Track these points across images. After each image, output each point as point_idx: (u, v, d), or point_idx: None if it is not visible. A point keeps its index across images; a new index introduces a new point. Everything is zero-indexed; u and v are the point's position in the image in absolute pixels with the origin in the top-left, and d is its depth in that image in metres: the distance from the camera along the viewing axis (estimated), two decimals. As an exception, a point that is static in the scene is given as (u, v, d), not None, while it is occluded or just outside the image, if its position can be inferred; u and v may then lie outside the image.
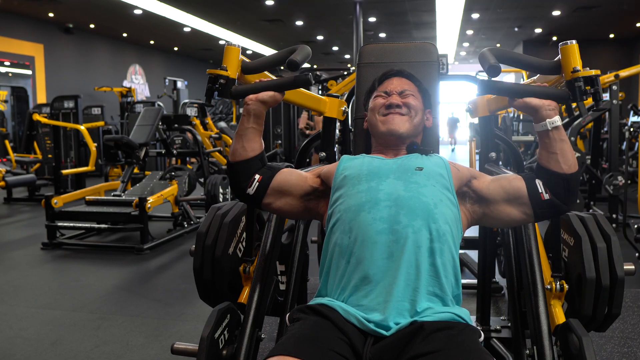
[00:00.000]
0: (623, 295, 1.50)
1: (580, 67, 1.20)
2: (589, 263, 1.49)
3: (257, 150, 1.35)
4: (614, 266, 1.48)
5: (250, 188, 1.34)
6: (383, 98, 1.45)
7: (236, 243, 1.74)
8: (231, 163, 1.35)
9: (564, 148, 1.22)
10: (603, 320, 1.51)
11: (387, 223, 1.18)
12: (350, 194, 1.26)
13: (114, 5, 10.35)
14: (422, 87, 1.50)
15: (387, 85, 1.48)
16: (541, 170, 1.25)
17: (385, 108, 1.42)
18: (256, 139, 1.35)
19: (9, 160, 7.71)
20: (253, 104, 1.32)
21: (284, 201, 1.37)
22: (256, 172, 1.35)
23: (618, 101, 4.82)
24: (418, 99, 1.46)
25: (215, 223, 1.70)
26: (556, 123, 1.21)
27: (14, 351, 2.40)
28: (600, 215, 1.63)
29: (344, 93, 2.41)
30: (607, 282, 1.47)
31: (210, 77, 1.34)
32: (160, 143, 5.97)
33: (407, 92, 1.45)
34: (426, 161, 1.33)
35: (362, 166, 1.33)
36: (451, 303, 1.18)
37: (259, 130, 1.35)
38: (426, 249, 1.17)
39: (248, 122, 1.33)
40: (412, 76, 1.51)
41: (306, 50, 1.35)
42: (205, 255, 1.66)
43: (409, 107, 1.42)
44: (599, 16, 11.45)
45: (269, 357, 1.03)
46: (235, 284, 1.69)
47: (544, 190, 1.24)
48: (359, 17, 9.49)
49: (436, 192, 1.24)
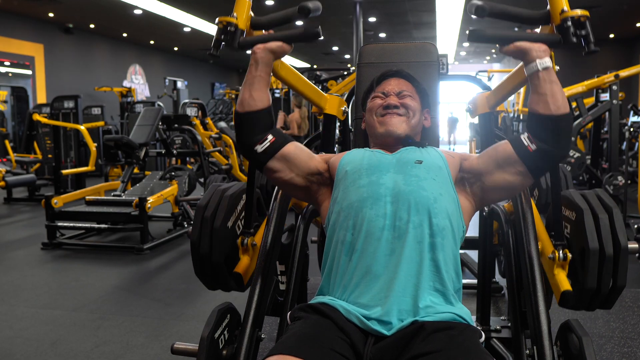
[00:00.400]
0: (627, 266, 1.46)
1: (569, 9, 1.19)
2: (591, 234, 1.46)
3: (265, 102, 1.31)
4: (617, 236, 1.45)
5: (260, 145, 1.30)
6: (381, 99, 1.44)
7: (235, 219, 1.70)
8: (240, 113, 1.31)
9: (554, 89, 1.20)
10: (608, 293, 1.47)
11: (389, 219, 1.19)
12: (351, 189, 1.26)
13: (114, 5, 10.35)
14: (420, 88, 1.50)
15: (385, 85, 1.47)
16: (530, 117, 1.24)
17: (383, 109, 1.41)
18: (264, 89, 1.31)
19: (9, 160, 7.71)
20: (261, 52, 1.29)
21: (288, 173, 1.34)
22: (269, 130, 1.31)
23: (618, 101, 4.82)
24: (416, 99, 1.45)
25: (215, 197, 1.69)
26: (546, 64, 1.19)
27: (14, 351, 2.40)
28: (601, 190, 1.62)
29: (344, 93, 2.41)
30: (610, 252, 1.44)
31: (218, 29, 1.31)
32: (160, 143, 5.97)
33: (405, 93, 1.44)
34: (424, 154, 1.33)
35: (362, 160, 1.33)
36: (452, 298, 1.18)
37: (266, 80, 1.31)
38: (427, 244, 1.17)
39: (256, 71, 1.30)
40: (410, 76, 1.51)
41: (316, 2, 1.33)
42: (204, 227, 1.62)
43: (407, 108, 1.41)
44: (599, 16, 11.45)
45: (269, 355, 1.03)
46: (232, 259, 1.66)
47: (530, 142, 1.22)
48: (359, 17, 9.50)
49: (436, 186, 1.24)
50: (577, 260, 1.52)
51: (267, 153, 1.31)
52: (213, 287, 1.73)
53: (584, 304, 1.52)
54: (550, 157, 1.23)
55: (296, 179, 1.35)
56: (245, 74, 1.34)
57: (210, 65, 20.05)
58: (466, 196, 1.32)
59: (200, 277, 1.70)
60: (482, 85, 2.30)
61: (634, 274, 3.39)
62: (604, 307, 1.54)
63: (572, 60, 15.00)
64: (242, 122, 1.31)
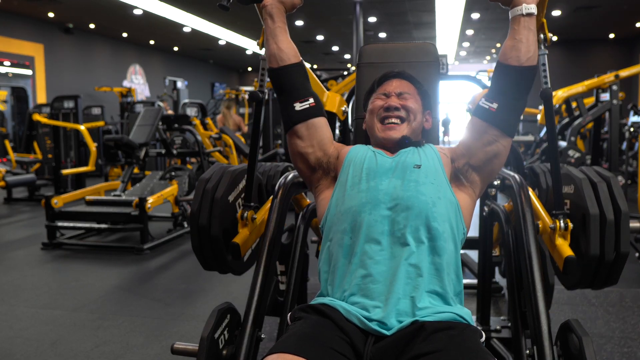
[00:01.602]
0: (629, 232, 1.45)
1: None
2: (590, 200, 1.46)
3: (295, 56, 1.34)
4: (617, 200, 1.46)
5: (299, 104, 1.32)
6: (382, 100, 1.44)
7: (236, 195, 1.70)
8: (274, 69, 1.33)
9: (530, 37, 1.22)
10: (613, 261, 1.46)
11: (388, 224, 1.19)
12: (350, 193, 1.27)
13: (114, 5, 10.35)
14: (421, 89, 1.50)
15: (386, 86, 1.47)
16: (496, 70, 1.26)
17: (384, 110, 1.41)
18: (288, 39, 1.33)
19: (9, 160, 7.71)
20: (271, 3, 1.32)
21: (308, 143, 1.36)
22: (310, 94, 1.34)
23: (618, 101, 4.82)
24: (417, 100, 1.45)
25: (218, 171, 1.68)
26: (531, 10, 1.22)
27: (14, 351, 2.40)
28: (598, 167, 1.62)
29: (344, 93, 2.41)
30: (611, 217, 1.44)
31: None
32: (160, 143, 5.97)
33: (406, 94, 1.44)
34: (423, 156, 1.33)
35: (362, 163, 1.33)
36: (452, 301, 1.18)
37: (285, 29, 1.34)
38: (426, 247, 1.17)
39: (273, 23, 1.32)
40: (411, 77, 1.51)
41: None
42: (204, 199, 1.61)
43: (408, 110, 1.41)
44: (599, 16, 11.46)
45: (269, 354, 1.03)
46: (231, 235, 1.63)
47: (490, 104, 1.25)
48: (359, 17, 9.50)
49: (434, 190, 1.24)
50: (579, 228, 1.51)
51: (302, 114, 1.33)
52: (210, 265, 1.68)
53: (589, 275, 1.50)
54: (515, 109, 1.26)
55: (312, 154, 1.37)
56: (245, 74, 1.34)
57: (210, 65, 20.05)
58: (464, 189, 1.32)
59: (198, 252, 1.65)
60: (482, 85, 2.30)
61: (634, 274, 3.39)
62: (610, 282, 1.51)
63: (572, 60, 15.02)
64: (281, 77, 1.33)
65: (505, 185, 1.64)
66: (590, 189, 1.49)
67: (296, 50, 1.36)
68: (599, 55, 14.79)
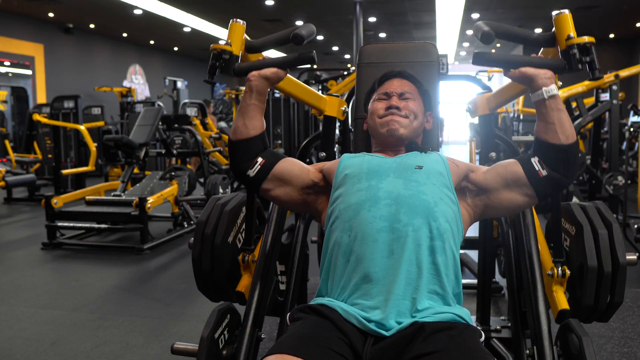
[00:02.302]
0: (625, 283, 1.48)
1: (575, 35, 1.19)
2: (590, 251, 1.47)
3: (258, 129, 1.33)
4: (616, 253, 1.47)
5: (251, 170, 1.32)
6: (383, 102, 1.44)
7: (236, 233, 1.72)
8: (232, 141, 1.33)
9: (562, 117, 1.20)
10: (605, 309, 1.49)
11: (387, 221, 1.18)
12: (350, 192, 1.26)
13: (114, 5, 10.34)
14: (422, 89, 1.50)
15: (387, 86, 1.47)
16: (538, 144, 1.24)
17: (384, 110, 1.42)
18: (258, 117, 1.33)
19: (9, 160, 7.71)
20: (255, 80, 1.31)
21: (283, 190, 1.36)
22: (259, 154, 1.33)
23: (618, 101, 4.82)
24: (418, 101, 1.45)
25: (215, 212, 1.69)
26: (553, 92, 1.20)
27: (14, 351, 2.40)
28: (602, 203, 1.62)
29: (344, 93, 2.41)
30: (609, 269, 1.45)
31: (213, 54, 1.32)
32: (160, 143, 5.96)
33: (407, 94, 1.44)
34: (425, 159, 1.33)
35: (362, 164, 1.33)
36: (452, 302, 1.18)
37: (260, 108, 1.33)
38: (426, 247, 1.17)
39: (250, 99, 1.31)
40: (412, 77, 1.50)
41: (311, 27, 1.34)
42: (205, 244, 1.64)
43: (409, 111, 1.41)
44: (599, 16, 11.45)
45: (268, 355, 1.03)
46: (234, 274, 1.67)
47: (540, 168, 1.22)
48: (359, 17, 9.50)
49: (436, 190, 1.24)
50: (576, 275, 1.54)
51: (259, 175, 1.32)
52: (216, 299, 1.76)
53: (581, 318, 1.54)
54: (558, 184, 1.24)
55: (293, 193, 1.36)
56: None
57: (210, 65, 20.05)
58: (465, 207, 1.32)
59: (203, 291, 1.72)
60: (482, 85, 2.30)
61: (634, 274, 3.39)
62: (601, 321, 1.56)
63: (572, 60, 15.01)
64: (235, 150, 1.33)
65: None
66: (591, 238, 1.50)
67: (262, 124, 1.34)
68: (599, 55, 14.72)
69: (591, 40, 1.17)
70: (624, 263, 1.46)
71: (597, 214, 1.56)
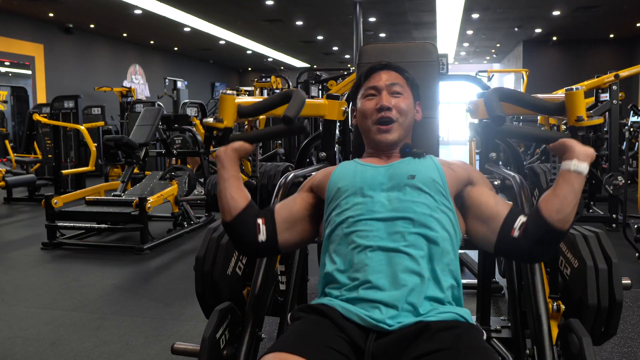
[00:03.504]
0: (620, 317, 1.52)
1: (584, 116, 1.19)
2: (591, 289, 1.49)
3: (246, 197, 1.29)
4: (614, 291, 1.50)
5: (260, 234, 1.27)
6: (372, 100, 1.39)
7: (235, 262, 1.74)
8: (228, 222, 1.27)
9: (569, 198, 1.14)
10: (599, 339, 1.53)
11: (385, 233, 1.18)
12: (345, 206, 1.25)
13: (114, 5, 10.35)
14: (410, 79, 1.44)
15: (375, 79, 1.41)
16: (534, 209, 1.20)
17: (376, 112, 1.37)
18: (240, 186, 1.29)
19: (9, 160, 7.71)
20: (223, 154, 1.28)
21: (299, 229, 1.33)
22: (256, 218, 1.29)
23: (618, 101, 4.82)
24: (407, 94, 1.41)
25: (211, 247, 1.70)
26: (580, 169, 1.14)
27: (14, 351, 2.40)
28: (603, 234, 1.62)
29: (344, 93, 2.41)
30: (606, 306, 1.49)
31: (207, 127, 1.35)
32: (160, 143, 5.96)
33: (397, 86, 1.39)
34: (419, 166, 1.30)
35: (355, 177, 1.30)
36: (453, 304, 1.18)
37: (238, 177, 1.30)
38: (425, 255, 1.16)
39: (226, 173, 1.28)
40: (399, 68, 1.45)
41: (299, 99, 1.32)
42: (206, 281, 1.67)
43: (400, 111, 1.37)
44: (599, 16, 11.45)
45: (266, 354, 1.03)
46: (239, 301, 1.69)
47: (518, 227, 1.18)
48: (359, 17, 9.49)
49: (431, 199, 1.22)
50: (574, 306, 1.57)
51: (270, 234, 1.28)
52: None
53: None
54: (517, 254, 1.21)
55: (307, 226, 1.34)
56: (245, 74, 1.34)
57: (210, 65, 20.05)
58: (459, 214, 1.30)
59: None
60: (482, 85, 2.30)
61: (634, 274, 3.38)
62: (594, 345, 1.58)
63: (572, 60, 15.01)
64: (234, 228, 1.28)
65: (505, 185, 1.64)
66: (593, 277, 1.51)
67: (246, 192, 1.31)
68: (599, 55, 14.78)
69: (600, 121, 1.18)
70: (620, 300, 1.49)
71: (599, 248, 1.57)
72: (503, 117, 1.18)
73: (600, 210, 5.23)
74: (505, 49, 16.93)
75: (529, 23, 12.50)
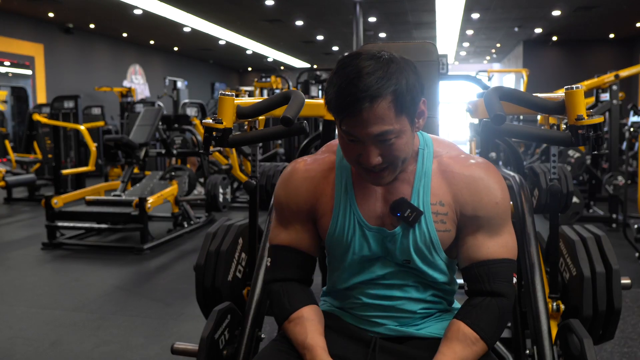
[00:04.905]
0: (617, 324, 1.53)
1: (584, 115, 1.19)
2: (587, 301, 1.50)
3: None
4: (612, 298, 1.50)
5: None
6: (354, 146, 1.02)
7: (235, 267, 1.74)
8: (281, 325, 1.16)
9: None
10: (597, 341, 1.54)
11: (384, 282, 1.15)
12: (341, 267, 1.18)
13: (114, 5, 10.34)
14: (399, 94, 0.97)
15: (352, 125, 0.98)
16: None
17: (358, 164, 1.05)
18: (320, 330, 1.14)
19: (9, 160, 7.71)
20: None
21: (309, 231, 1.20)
22: (292, 309, 1.13)
23: (618, 101, 4.82)
24: (400, 123, 0.99)
25: (211, 255, 1.70)
26: None
27: (14, 351, 2.40)
28: (604, 237, 1.61)
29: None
30: (603, 314, 1.50)
31: (207, 127, 1.35)
32: (160, 143, 5.96)
33: (385, 135, 0.98)
34: (414, 239, 1.11)
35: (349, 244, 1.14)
36: (451, 306, 1.20)
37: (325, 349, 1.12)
38: (421, 295, 1.15)
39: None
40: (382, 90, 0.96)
41: (299, 100, 1.30)
42: (206, 289, 1.67)
43: (393, 158, 1.02)
44: (599, 16, 11.44)
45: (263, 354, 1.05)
46: (240, 304, 1.69)
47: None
48: (359, 17, 9.49)
49: (428, 263, 1.14)
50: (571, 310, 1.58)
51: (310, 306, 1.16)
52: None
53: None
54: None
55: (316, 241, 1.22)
56: (245, 74, 1.33)
57: (210, 65, 20.05)
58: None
59: None
60: (482, 85, 2.30)
61: (634, 274, 3.38)
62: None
63: (572, 60, 15.01)
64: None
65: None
66: (590, 288, 1.52)
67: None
68: (599, 55, 14.78)
69: (600, 120, 1.18)
70: (618, 308, 1.49)
71: (598, 252, 1.56)
72: (503, 116, 1.17)
73: (600, 210, 5.23)
74: (505, 49, 16.93)
75: (529, 23, 12.50)
